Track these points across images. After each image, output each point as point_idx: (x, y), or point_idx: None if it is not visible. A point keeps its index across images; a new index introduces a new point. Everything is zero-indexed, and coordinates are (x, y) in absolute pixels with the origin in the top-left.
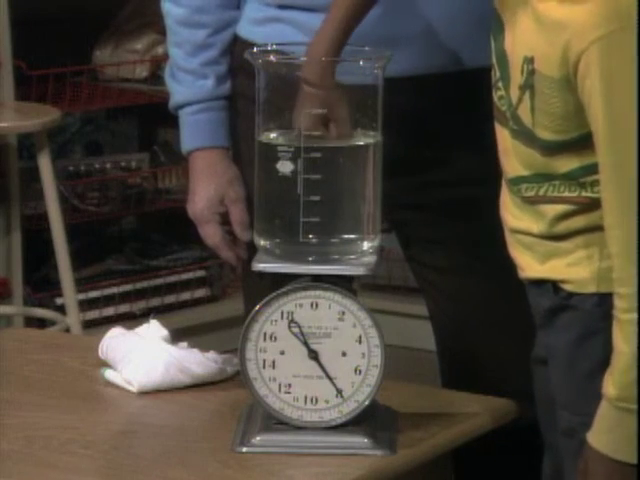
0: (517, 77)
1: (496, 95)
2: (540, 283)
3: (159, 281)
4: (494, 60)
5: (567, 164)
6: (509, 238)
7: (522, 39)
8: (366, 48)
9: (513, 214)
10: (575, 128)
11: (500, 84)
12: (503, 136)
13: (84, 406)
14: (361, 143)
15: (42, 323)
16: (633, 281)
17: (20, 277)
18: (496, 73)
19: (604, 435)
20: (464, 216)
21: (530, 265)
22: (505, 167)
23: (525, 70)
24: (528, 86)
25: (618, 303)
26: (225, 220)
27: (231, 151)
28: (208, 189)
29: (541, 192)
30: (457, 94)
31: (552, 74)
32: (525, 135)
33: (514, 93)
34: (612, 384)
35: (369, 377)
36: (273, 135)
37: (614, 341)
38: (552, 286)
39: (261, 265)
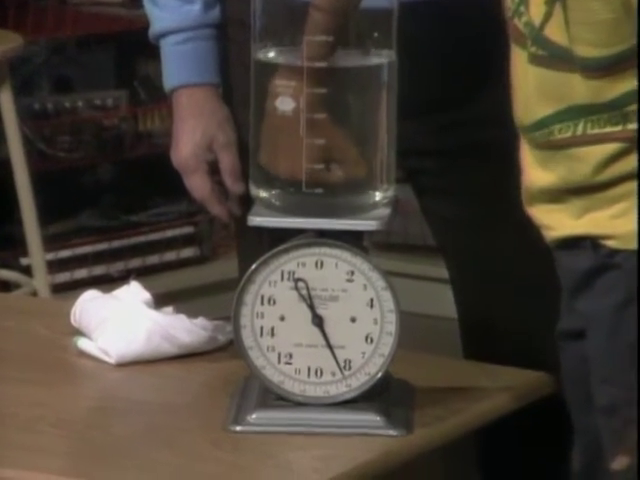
0: None
1: (520, 23)
2: (575, 242)
3: (140, 239)
4: None
5: (616, 88)
6: (530, 198)
7: None
8: None
9: (535, 168)
10: (623, 39)
11: (522, 8)
12: (523, 71)
13: (54, 379)
14: (374, 70)
15: (5, 286)
16: None
17: None
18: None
19: None
20: (487, 162)
21: (562, 222)
22: (524, 112)
23: None
24: None
25: None
26: (214, 169)
27: (221, 88)
28: (194, 133)
29: (578, 131)
30: (482, 23)
31: None
32: (558, 58)
33: (537, 12)
34: None
35: (382, 346)
36: (272, 54)
37: None
38: (591, 243)
39: (258, 219)
